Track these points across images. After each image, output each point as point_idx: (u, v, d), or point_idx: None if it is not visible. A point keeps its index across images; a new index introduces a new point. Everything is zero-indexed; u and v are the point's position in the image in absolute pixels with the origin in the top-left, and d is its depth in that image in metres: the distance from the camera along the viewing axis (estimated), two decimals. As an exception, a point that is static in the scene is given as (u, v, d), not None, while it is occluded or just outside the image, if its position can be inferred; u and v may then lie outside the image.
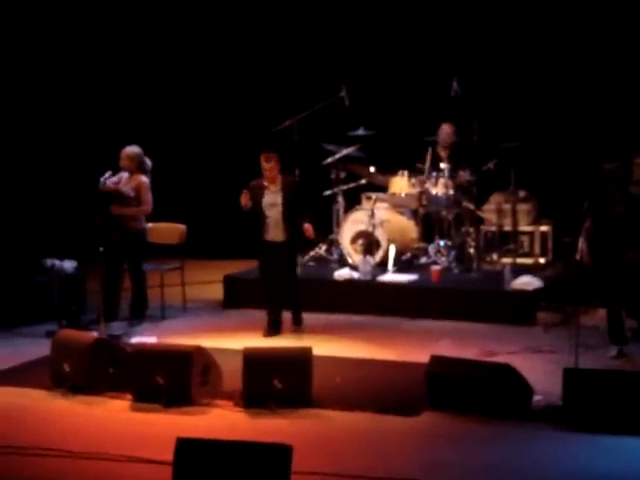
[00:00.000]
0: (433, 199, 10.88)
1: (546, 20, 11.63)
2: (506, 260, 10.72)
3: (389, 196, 11.06)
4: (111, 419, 7.20)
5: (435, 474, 6.10)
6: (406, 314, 9.88)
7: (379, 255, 10.67)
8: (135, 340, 8.92)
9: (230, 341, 8.87)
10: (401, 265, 10.74)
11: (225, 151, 12.69)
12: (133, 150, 9.82)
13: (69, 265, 10.26)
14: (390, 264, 10.56)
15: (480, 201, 11.01)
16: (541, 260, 11.04)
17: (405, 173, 10.92)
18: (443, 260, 10.75)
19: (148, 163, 9.93)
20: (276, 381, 7.19)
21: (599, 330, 8.67)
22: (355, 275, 10.42)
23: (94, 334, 8.32)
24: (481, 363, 7.53)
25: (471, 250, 10.78)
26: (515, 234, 10.93)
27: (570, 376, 6.89)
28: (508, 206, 10.93)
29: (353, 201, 11.27)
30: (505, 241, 10.97)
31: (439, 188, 10.82)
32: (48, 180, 12.30)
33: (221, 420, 7.10)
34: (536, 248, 11.09)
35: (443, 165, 10.89)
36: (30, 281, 10.13)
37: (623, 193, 8.36)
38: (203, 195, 12.64)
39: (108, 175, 9.62)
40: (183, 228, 10.43)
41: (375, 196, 11.01)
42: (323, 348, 8.62)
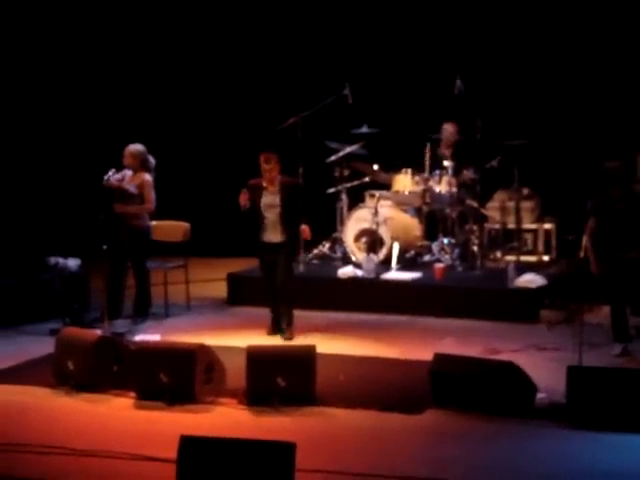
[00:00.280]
0: (437, 197, 10.88)
1: (549, 18, 11.63)
2: (510, 258, 10.72)
3: (393, 194, 11.06)
4: (115, 417, 7.20)
5: (439, 472, 6.09)
6: (410, 312, 9.88)
7: (383, 253, 10.67)
8: (139, 338, 8.93)
9: (234, 339, 8.87)
10: (405, 263, 10.74)
11: (229, 149, 12.70)
12: (136, 148, 9.82)
13: (73, 263, 10.27)
14: (394, 262, 10.56)
15: (484, 199, 11.02)
16: (545, 258, 11.05)
17: (409, 171, 10.93)
18: (447, 258, 10.75)
19: (151, 161, 9.93)
20: (280, 379, 7.19)
21: (603, 328, 8.66)
22: (359, 273, 10.42)
23: (98, 332, 8.32)
24: (485, 361, 7.54)
25: (475, 248, 10.78)
26: (519, 232, 10.93)
27: (574, 374, 6.88)
28: (512, 204, 10.93)
29: (357, 199, 11.28)
30: (509, 239, 10.97)
31: (443, 186, 10.82)
32: (52, 178, 12.31)
33: (225, 418, 7.10)
34: (540, 246, 11.09)
35: (447, 163, 10.89)
36: (34, 279, 10.14)
37: (625, 191, 8.37)
38: (207, 193, 12.65)
39: (112, 173, 9.63)
40: (187, 226, 10.44)
41: (379, 194, 11.01)
42: (327, 346, 8.62)
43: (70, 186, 12.32)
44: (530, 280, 9.87)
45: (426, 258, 10.94)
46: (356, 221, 10.86)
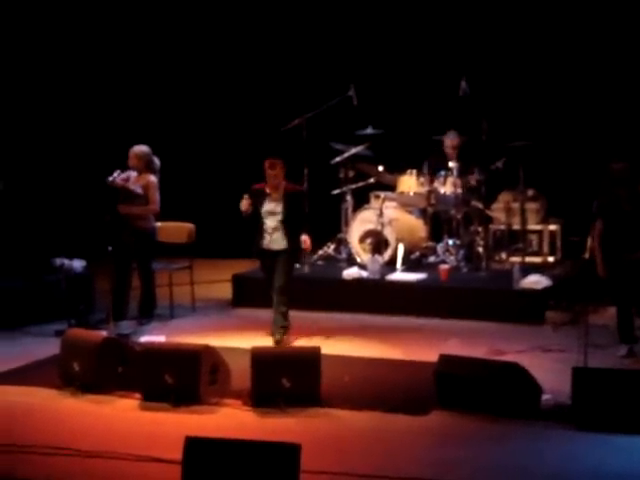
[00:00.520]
0: (442, 198, 10.88)
1: (555, 20, 11.62)
2: (515, 259, 10.71)
3: (398, 195, 11.06)
4: (120, 418, 7.21)
5: (444, 473, 6.09)
6: (415, 313, 9.88)
7: (388, 254, 10.67)
8: (144, 339, 8.92)
9: (239, 340, 8.87)
10: (410, 264, 10.73)
11: (234, 150, 12.70)
12: (141, 149, 9.83)
13: (78, 264, 10.27)
14: (399, 263, 10.56)
15: (489, 200, 11.01)
16: (550, 259, 11.04)
17: (414, 172, 10.92)
18: (452, 259, 10.74)
19: (156, 162, 9.94)
20: (285, 380, 7.19)
21: (608, 329, 8.66)
22: (364, 274, 10.42)
23: (103, 333, 8.33)
24: (490, 362, 7.53)
25: (480, 249, 10.78)
26: (524, 233, 10.91)
27: (579, 375, 6.88)
28: (517, 205, 10.92)
29: (362, 200, 11.28)
30: (514, 240, 10.96)
31: (448, 187, 10.81)
32: (57, 180, 12.32)
33: (230, 419, 7.10)
34: (545, 247, 11.08)
35: (452, 164, 10.89)
36: (39, 280, 10.15)
37: (631, 192, 8.36)
38: (212, 194, 12.65)
39: (117, 174, 9.63)
40: (192, 227, 10.44)
41: (384, 195, 11.01)
42: (332, 347, 8.62)
43: (75, 187, 12.33)
44: (535, 281, 9.86)
45: (431, 259, 10.94)
46: (361, 222, 10.86)
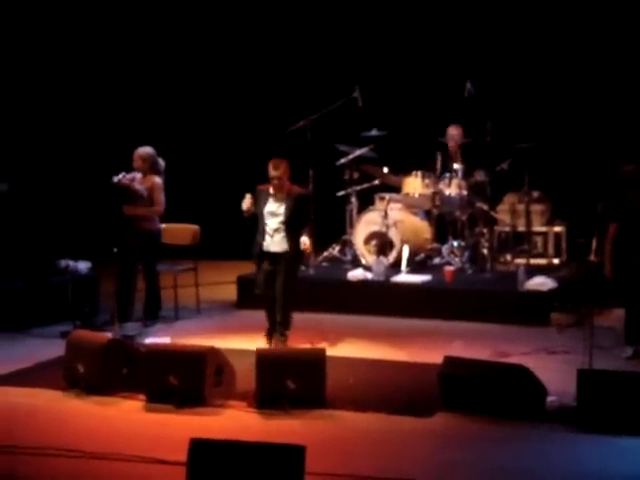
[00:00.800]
0: (447, 199, 10.87)
1: (560, 21, 11.61)
2: (520, 261, 10.70)
3: (403, 197, 11.06)
4: (125, 420, 7.21)
5: (448, 475, 6.09)
6: (419, 315, 9.87)
7: (393, 256, 10.67)
8: (149, 341, 8.93)
9: (243, 342, 8.86)
10: (415, 266, 10.73)
11: (238, 152, 12.70)
12: (146, 151, 9.83)
13: (83, 266, 10.29)
14: (404, 265, 10.56)
15: (494, 201, 11.00)
16: (555, 261, 11.03)
17: (418, 173, 10.92)
18: (457, 261, 10.74)
19: (161, 164, 9.94)
20: (289, 382, 7.19)
21: (614, 331, 8.65)
22: (369, 276, 10.42)
23: (108, 335, 8.32)
24: (495, 364, 7.53)
25: (485, 251, 10.77)
26: (529, 235, 10.90)
27: (584, 377, 6.87)
28: (522, 207, 10.91)
29: (366, 202, 11.27)
30: (519, 242, 10.95)
31: (453, 189, 10.81)
32: (62, 181, 12.33)
33: (234, 421, 7.10)
34: (550, 249, 11.07)
35: (457, 166, 10.88)
36: (44, 282, 10.16)
37: None
38: (216, 196, 12.65)
39: (122, 176, 9.64)
40: (197, 229, 10.44)
41: (388, 197, 11.01)
42: (336, 349, 8.63)
43: (81, 189, 12.34)
44: (540, 283, 9.85)
45: (436, 261, 10.94)
46: (366, 224, 10.85)
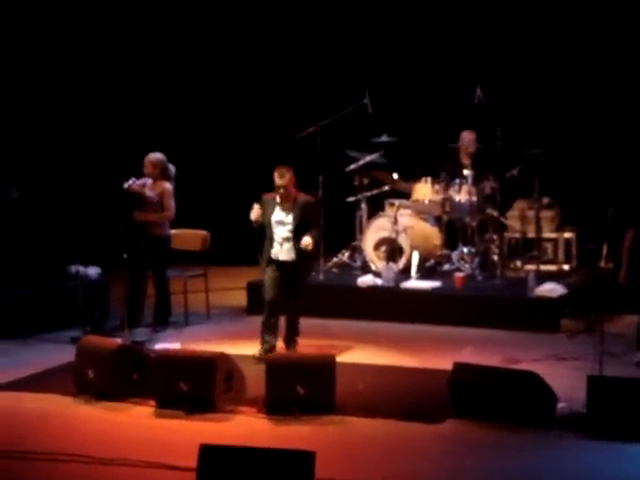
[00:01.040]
0: (456, 206, 10.86)
1: (570, 28, 11.60)
2: (530, 267, 10.67)
3: (412, 203, 11.05)
4: (135, 425, 7.21)
5: (458, 481, 6.09)
6: (429, 321, 9.86)
7: (402, 262, 10.66)
8: (159, 346, 8.93)
9: (253, 347, 8.84)
10: (424, 272, 10.72)
11: (248, 158, 12.71)
12: (157, 157, 9.85)
13: (93, 271, 10.30)
14: (413, 271, 10.54)
15: (504, 208, 10.99)
16: (565, 267, 11.01)
17: (428, 180, 10.92)
18: (466, 267, 10.72)
19: (172, 170, 9.96)
20: (299, 388, 7.19)
21: (624, 337, 8.63)
22: (378, 282, 10.41)
23: (118, 340, 8.34)
24: (505, 370, 7.51)
25: (495, 257, 10.76)
26: (539, 241, 10.89)
27: (594, 383, 6.86)
28: (532, 213, 10.89)
29: (376, 208, 11.27)
30: (529, 248, 10.93)
31: (462, 195, 10.80)
32: (73, 187, 12.35)
33: (244, 427, 7.10)
34: (560, 255, 11.05)
35: (466, 172, 10.88)
36: (55, 288, 10.17)
37: None
38: (226, 202, 12.65)
39: (132, 182, 9.66)
40: (207, 235, 10.45)
41: (398, 203, 11.01)
42: (346, 355, 8.62)
43: (90, 195, 12.36)
44: (551, 289, 9.83)
45: (446, 267, 10.92)
46: (376, 230, 10.85)
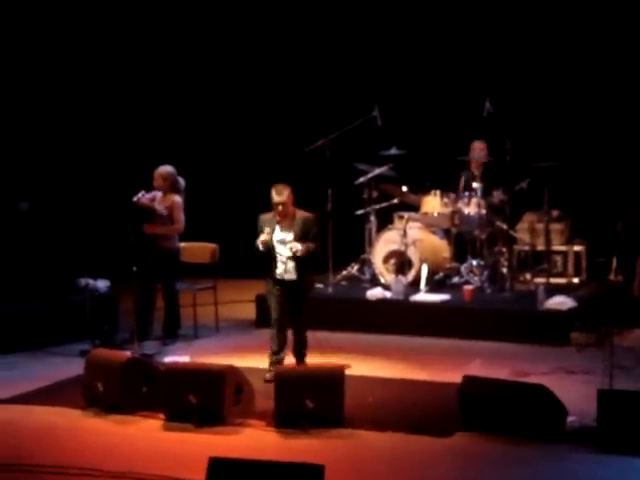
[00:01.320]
0: (466, 219, 10.85)
1: (579, 41, 11.61)
2: (539, 280, 10.66)
3: (421, 215, 11.05)
4: (144, 438, 7.21)
5: (468, 495, 6.07)
6: (438, 334, 9.85)
7: (411, 275, 10.66)
8: (168, 359, 8.93)
9: (262, 361, 8.84)
10: (433, 285, 10.71)
11: (258, 171, 12.72)
12: (166, 170, 9.88)
13: (103, 284, 10.32)
14: (422, 284, 10.54)
15: (513, 220, 10.98)
16: (575, 280, 11.00)
17: (437, 192, 10.91)
18: (476, 280, 10.71)
19: (181, 183, 9.98)
20: (308, 401, 7.18)
21: (634, 351, 8.60)
22: (387, 295, 10.41)
23: (127, 353, 8.34)
24: (515, 383, 7.49)
25: (504, 270, 10.74)
26: (548, 254, 10.88)
27: (604, 397, 6.83)
28: (541, 226, 10.89)
29: (385, 220, 11.27)
30: (538, 261, 10.92)
31: (472, 207, 10.80)
32: (83, 200, 12.38)
33: (253, 440, 7.09)
34: (570, 268, 11.05)
35: (476, 184, 10.88)
36: (64, 300, 10.19)
37: None
38: (236, 215, 12.66)
39: (142, 194, 9.68)
40: (216, 248, 10.47)
41: (407, 215, 11.00)
42: (355, 368, 8.60)
43: (100, 208, 12.39)
44: (560, 302, 9.81)
45: (455, 280, 10.91)
46: (385, 243, 10.85)
